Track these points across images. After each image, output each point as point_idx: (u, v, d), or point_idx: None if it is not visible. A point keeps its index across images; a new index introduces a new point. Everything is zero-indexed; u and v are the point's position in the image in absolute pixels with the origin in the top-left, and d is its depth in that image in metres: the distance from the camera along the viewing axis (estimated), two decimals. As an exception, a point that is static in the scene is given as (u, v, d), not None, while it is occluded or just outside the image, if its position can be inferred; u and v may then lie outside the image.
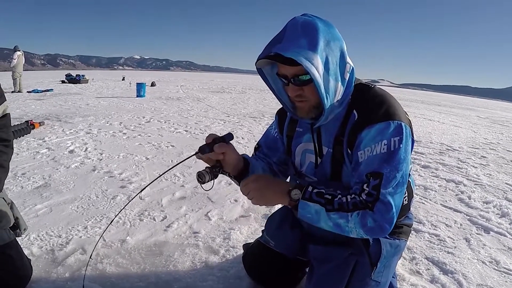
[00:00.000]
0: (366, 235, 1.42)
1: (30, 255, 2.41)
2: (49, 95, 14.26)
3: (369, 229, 1.39)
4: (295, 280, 2.25)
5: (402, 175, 1.43)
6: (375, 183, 1.40)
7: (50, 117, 8.49)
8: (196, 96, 16.34)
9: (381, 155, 1.43)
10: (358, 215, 1.39)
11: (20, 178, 4.02)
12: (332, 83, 1.46)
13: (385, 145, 1.43)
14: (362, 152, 1.48)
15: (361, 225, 1.39)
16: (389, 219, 1.39)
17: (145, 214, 3.25)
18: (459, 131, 10.37)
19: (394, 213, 1.39)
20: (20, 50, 15.97)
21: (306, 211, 1.47)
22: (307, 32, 1.42)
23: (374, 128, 1.47)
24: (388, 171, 1.40)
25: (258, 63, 1.57)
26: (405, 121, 1.50)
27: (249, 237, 2.93)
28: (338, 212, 1.41)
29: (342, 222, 1.41)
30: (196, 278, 2.33)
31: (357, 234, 1.42)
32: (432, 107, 20.42)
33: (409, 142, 1.49)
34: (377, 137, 1.45)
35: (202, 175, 1.59)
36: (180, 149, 5.85)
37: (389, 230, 1.41)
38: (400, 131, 1.45)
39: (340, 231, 1.45)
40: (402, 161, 1.43)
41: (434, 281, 2.44)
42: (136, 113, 9.79)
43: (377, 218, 1.37)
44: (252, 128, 8.36)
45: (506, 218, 3.65)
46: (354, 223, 1.39)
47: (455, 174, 5.30)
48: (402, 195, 1.45)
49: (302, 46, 1.39)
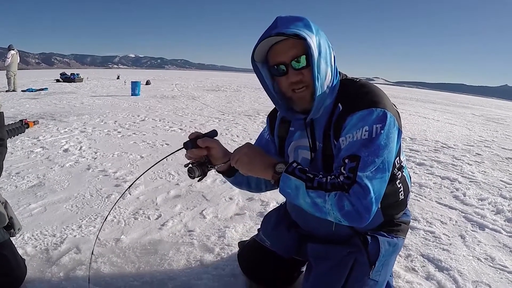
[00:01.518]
0: (344, 221, 1.36)
1: (24, 254, 2.40)
2: (43, 94, 14.20)
3: (346, 213, 1.33)
4: (290, 279, 2.24)
5: (383, 161, 1.40)
6: (352, 165, 1.37)
7: (44, 116, 8.45)
8: (191, 95, 16.31)
9: (362, 141, 1.41)
10: (335, 196, 1.34)
11: (14, 177, 4.00)
12: (323, 67, 1.49)
13: (366, 131, 1.41)
14: (344, 138, 1.47)
15: (338, 207, 1.34)
16: (366, 205, 1.33)
17: (139, 212, 3.24)
18: (454, 129, 10.39)
19: (373, 199, 1.34)
20: (15, 49, 15.89)
21: (287, 185, 1.45)
22: (299, 19, 1.49)
23: (356, 115, 1.46)
24: (366, 155, 1.38)
25: (256, 54, 1.57)
26: (391, 110, 1.49)
27: (244, 235, 2.92)
28: (317, 191, 1.38)
29: (320, 201, 1.37)
30: (191, 277, 2.32)
31: (334, 217, 1.37)
32: (427, 105, 20.45)
33: (392, 131, 1.46)
34: (359, 123, 1.44)
35: (192, 170, 1.63)
36: (175, 148, 5.79)
37: (367, 219, 1.35)
38: (383, 119, 1.43)
39: (317, 213, 1.41)
40: (382, 147, 1.40)
41: (430, 278, 2.45)
42: (131, 112, 9.76)
43: (354, 202, 1.32)
44: (247, 126, 8.35)
45: (501, 215, 3.66)
46: (331, 204, 1.35)
47: (450, 172, 5.31)
48: (382, 182, 1.40)
49: (300, 26, 1.45)
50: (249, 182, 1.94)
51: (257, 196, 3.75)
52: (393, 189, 1.70)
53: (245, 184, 1.95)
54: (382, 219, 1.77)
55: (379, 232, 1.77)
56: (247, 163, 1.56)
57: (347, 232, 1.77)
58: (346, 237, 1.78)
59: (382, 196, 1.42)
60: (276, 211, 2.23)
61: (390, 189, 1.66)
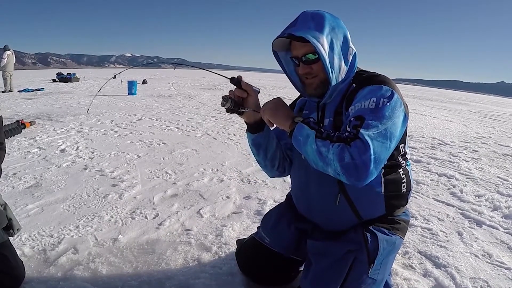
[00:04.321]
0: (341, 173, 1.41)
1: (22, 255, 2.39)
2: (40, 94, 14.15)
3: (345, 165, 1.39)
4: (288, 278, 2.25)
5: (386, 129, 1.47)
6: (356, 123, 1.47)
7: (41, 116, 8.42)
8: (187, 93, 16.27)
9: (368, 109, 1.52)
10: (338, 147, 1.41)
11: (11, 178, 3.99)
12: (337, 61, 1.66)
13: (373, 102, 1.53)
14: (353, 107, 1.59)
15: (338, 158, 1.40)
16: (365, 161, 1.38)
17: (136, 212, 3.24)
18: (450, 126, 10.41)
19: (372, 157, 1.38)
20: (10, 49, 15.83)
21: (300, 132, 1.55)
22: (315, 19, 1.66)
23: (367, 88, 1.61)
24: (370, 118, 1.47)
25: (275, 45, 1.78)
26: (399, 94, 1.60)
27: (242, 234, 2.92)
28: (324, 141, 1.47)
29: (324, 150, 1.45)
30: (188, 276, 2.32)
31: (334, 169, 1.43)
32: (423, 102, 20.48)
33: (398, 108, 1.55)
34: (368, 95, 1.57)
35: (226, 99, 1.78)
36: (172, 147, 5.81)
37: (366, 175, 1.40)
38: (390, 96, 1.55)
39: (320, 163, 1.48)
40: (387, 117, 1.49)
41: (427, 275, 2.45)
42: (127, 111, 9.74)
43: (354, 155, 1.38)
44: (244, 125, 8.28)
45: (498, 212, 3.68)
46: (333, 153, 1.42)
47: (447, 168, 5.33)
48: (383, 147, 1.45)
49: (311, 28, 1.63)
50: (267, 148, 1.97)
51: (254, 195, 3.76)
52: (397, 177, 1.78)
53: (263, 149, 1.97)
54: (384, 210, 1.81)
55: (379, 228, 1.79)
56: (273, 109, 1.69)
57: (350, 218, 1.81)
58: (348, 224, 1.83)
59: (382, 162, 1.47)
60: (277, 209, 2.27)
61: (394, 177, 1.77)
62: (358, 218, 1.81)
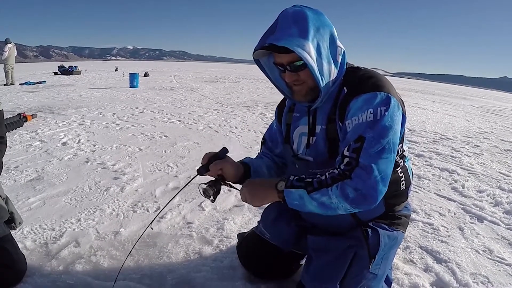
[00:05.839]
0: (354, 208, 1.41)
1: (23, 249, 2.40)
2: (41, 87, 14.16)
3: (352, 200, 1.38)
4: (289, 271, 2.25)
5: (388, 141, 1.44)
6: (356, 146, 1.43)
7: (42, 109, 8.43)
8: (189, 86, 16.26)
9: (367, 123, 1.45)
10: (337, 187, 1.40)
11: (13, 171, 4.00)
12: (326, 66, 1.54)
13: (371, 113, 1.46)
14: (350, 121, 1.51)
15: (343, 198, 1.39)
16: (371, 184, 1.37)
17: (138, 205, 3.25)
18: (453, 120, 10.37)
19: (378, 178, 1.38)
20: (12, 42, 15.83)
21: (291, 198, 1.51)
22: (297, 21, 1.51)
23: (361, 98, 1.50)
24: (371, 136, 1.42)
25: (255, 54, 1.66)
26: (394, 95, 1.53)
27: (243, 227, 2.93)
28: (319, 190, 1.44)
29: (325, 199, 1.43)
30: (190, 269, 2.32)
31: (344, 209, 1.42)
32: (426, 96, 20.40)
33: (396, 114, 1.50)
34: (364, 106, 1.48)
35: (206, 191, 1.75)
36: (174, 139, 5.81)
37: (376, 198, 1.39)
38: (387, 102, 1.48)
39: (328, 211, 1.46)
40: (388, 128, 1.44)
41: (428, 270, 2.45)
42: (129, 104, 9.74)
43: (357, 186, 1.37)
44: (245, 118, 8.33)
45: (499, 207, 3.67)
46: (336, 197, 1.40)
47: (448, 163, 5.32)
48: (388, 162, 1.44)
49: (294, 35, 1.48)
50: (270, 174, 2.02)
51: (256, 189, 3.75)
52: (395, 177, 1.71)
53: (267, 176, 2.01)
54: (384, 209, 1.78)
55: (379, 224, 1.77)
56: (254, 197, 1.65)
57: (349, 221, 1.78)
58: (347, 226, 1.79)
59: (389, 176, 1.45)
60: (277, 204, 2.24)
61: (393, 177, 1.65)
62: (357, 220, 1.78)
